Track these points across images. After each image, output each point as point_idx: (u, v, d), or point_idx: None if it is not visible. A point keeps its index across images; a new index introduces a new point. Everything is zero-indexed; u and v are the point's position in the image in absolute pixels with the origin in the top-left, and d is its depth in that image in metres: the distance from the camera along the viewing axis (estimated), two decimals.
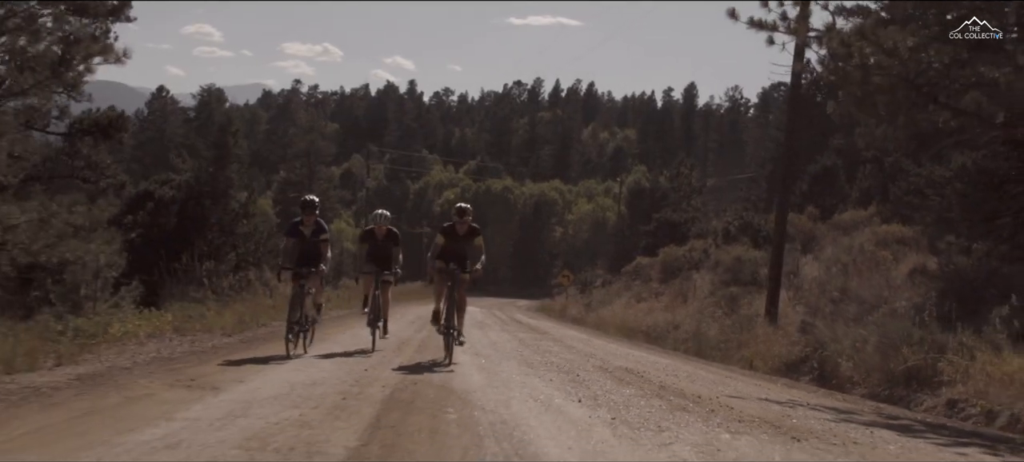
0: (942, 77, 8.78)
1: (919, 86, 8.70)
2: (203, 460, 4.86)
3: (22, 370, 7.46)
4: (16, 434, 5.34)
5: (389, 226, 12.60)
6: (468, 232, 11.66)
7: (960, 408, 9.44)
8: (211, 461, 4.85)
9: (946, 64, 8.57)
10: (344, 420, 6.20)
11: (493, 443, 5.63)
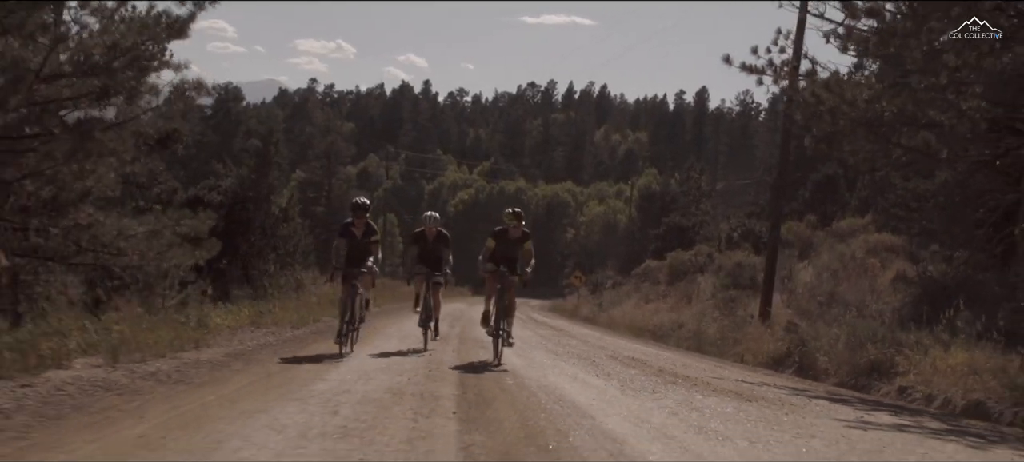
0: (895, 121, 10.72)
1: (875, 128, 10.65)
2: (372, 397, 7.33)
3: (172, 353, 9.52)
4: (234, 389, 7.61)
5: (439, 228, 12.81)
6: (520, 237, 11.87)
7: (908, 393, 11.36)
8: (377, 398, 7.27)
9: (895, 112, 10.50)
10: (440, 381, 8.78)
11: (543, 395, 8.18)
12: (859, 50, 10.79)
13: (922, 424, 8.55)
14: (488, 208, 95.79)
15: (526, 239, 11.90)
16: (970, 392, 10.28)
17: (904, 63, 10.14)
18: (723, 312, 21.85)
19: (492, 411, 7.05)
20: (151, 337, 9.32)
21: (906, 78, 10.37)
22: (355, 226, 11.95)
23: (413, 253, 13.00)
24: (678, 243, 40.97)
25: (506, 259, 11.70)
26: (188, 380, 8.00)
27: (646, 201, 70.63)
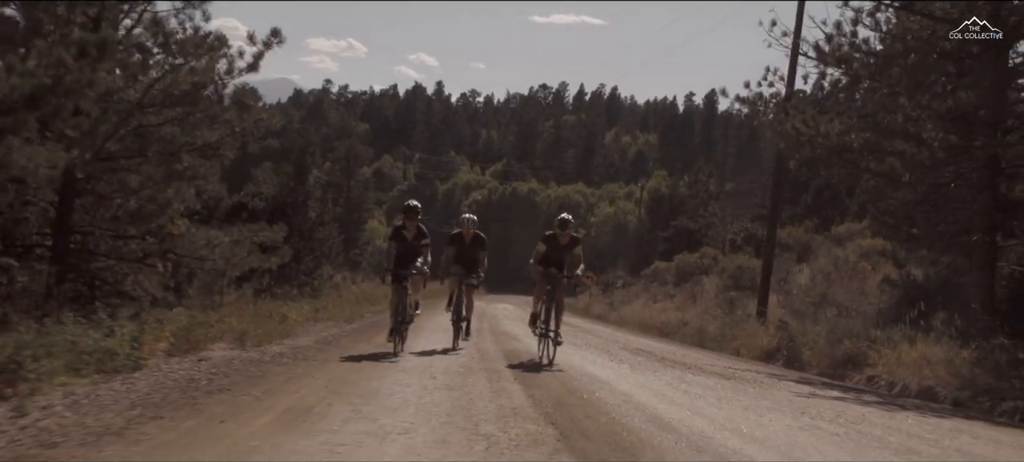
0: (863, 149, 12.73)
1: (846, 156, 12.67)
2: (453, 369, 9.68)
3: (276, 341, 11.67)
4: (340, 369, 9.67)
5: (477, 231, 12.95)
6: (569, 242, 12.19)
7: (874, 381, 13.33)
8: (459, 369, 9.59)
9: (863, 143, 12.51)
10: (495, 362, 11.12)
11: (573, 372, 10.65)
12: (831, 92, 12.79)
13: (861, 399, 10.65)
14: (501, 209, 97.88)
15: (575, 244, 12.29)
16: (924, 380, 12.27)
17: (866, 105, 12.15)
18: (724, 311, 23.84)
19: (540, 380, 9.55)
20: (258, 328, 11.40)
21: (874, 114, 12.36)
22: (406, 228, 12.14)
23: (450, 254, 12.97)
24: (685, 245, 42.82)
25: (555, 263, 12.01)
26: (311, 358, 10.30)
27: (655, 203, 72.25)
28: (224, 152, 14.14)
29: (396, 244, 12.12)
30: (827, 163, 13.10)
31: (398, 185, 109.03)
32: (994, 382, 11.09)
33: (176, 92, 12.92)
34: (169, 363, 8.33)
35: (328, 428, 5.87)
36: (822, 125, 12.44)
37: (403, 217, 12.44)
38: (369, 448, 5.36)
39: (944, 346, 13.19)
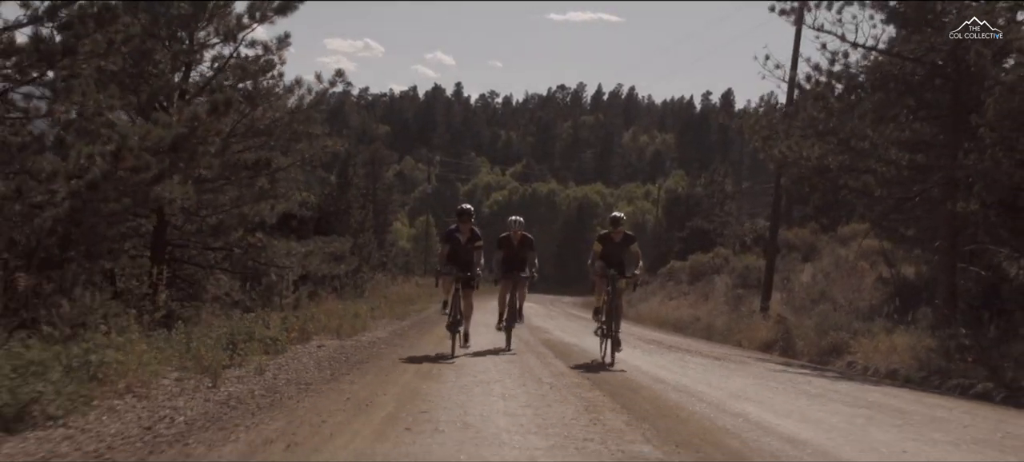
0: (839, 169, 15.09)
1: (825, 175, 15.04)
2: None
3: (357, 334, 14.13)
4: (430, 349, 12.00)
5: (524, 232, 13.16)
6: (623, 239, 12.32)
7: (852, 365, 15.64)
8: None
9: (839, 165, 14.87)
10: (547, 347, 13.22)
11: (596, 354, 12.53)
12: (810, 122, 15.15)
13: (823, 374, 13.15)
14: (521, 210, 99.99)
15: (631, 241, 12.49)
16: (891, 364, 14.58)
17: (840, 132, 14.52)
18: (731, 308, 26.15)
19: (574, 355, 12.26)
20: (344, 324, 13.89)
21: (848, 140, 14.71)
22: (460, 231, 12.32)
23: (499, 257, 13.07)
24: (700, 245, 45.04)
25: (615, 262, 12.21)
26: (399, 344, 12.98)
27: (671, 204, 74.29)
28: (295, 175, 16.63)
29: (449, 246, 12.29)
30: (810, 181, 15.53)
31: (420, 186, 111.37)
32: (944, 364, 13.40)
33: (260, 126, 15.36)
34: (298, 349, 10.82)
35: (449, 379, 8.86)
36: (804, 150, 14.83)
37: (456, 220, 12.56)
38: (481, 391, 8.14)
39: (910, 336, 15.49)
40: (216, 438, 5.67)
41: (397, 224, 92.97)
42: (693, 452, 5.83)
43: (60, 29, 10.22)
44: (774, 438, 6.67)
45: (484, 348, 12.55)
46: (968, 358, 13.18)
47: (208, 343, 8.18)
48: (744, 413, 7.87)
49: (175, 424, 5.99)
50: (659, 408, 7.86)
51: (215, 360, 7.60)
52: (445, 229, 12.96)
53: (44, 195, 9.88)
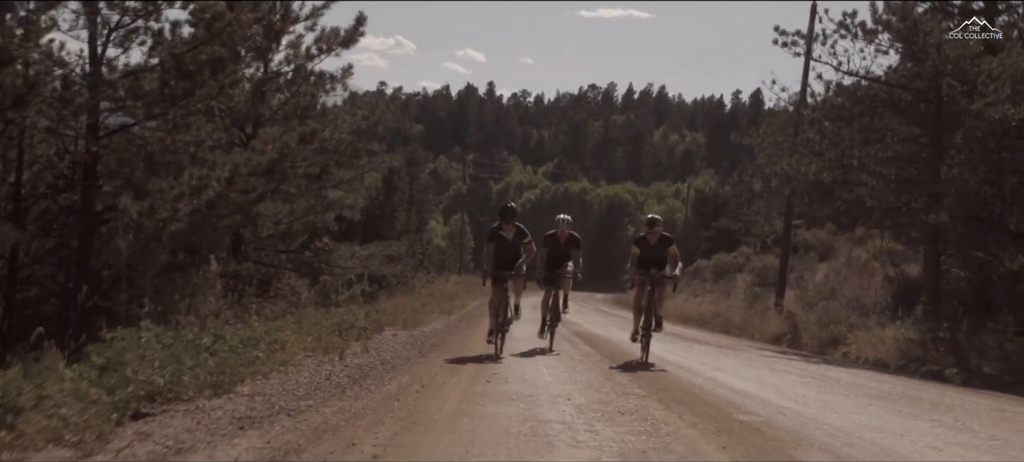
0: (833, 183, 17.22)
1: (821, 189, 17.18)
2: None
3: (419, 326, 16.42)
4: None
5: (570, 231, 13.08)
6: (660, 241, 12.24)
7: (846, 355, 17.73)
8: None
9: (833, 179, 16.99)
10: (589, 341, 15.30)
11: (621, 345, 14.57)
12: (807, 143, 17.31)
13: (809, 360, 15.29)
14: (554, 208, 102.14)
15: (668, 242, 12.47)
16: (879, 354, 16.66)
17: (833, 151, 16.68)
18: (749, 304, 28.24)
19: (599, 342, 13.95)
20: (407, 317, 16.23)
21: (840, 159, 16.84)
22: (504, 230, 12.14)
23: (544, 255, 12.97)
24: (725, 245, 47.02)
25: (655, 263, 12.18)
26: (459, 331, 15.37)
27: (700, 204, 75.97)
28: (356, 187, 19.00)
29: (495, 246, 12.19)
30: (808, 194, 17.67)
31: (454, 185, 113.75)
32: (921, 353, 15.49)
33: (328, 146, 17.69)
34: (380, 336, 13.13)
35: (507, 358, 11.37)
36: (802, 167, 16.99)
37: (500, 219, 12.41)
38: (531, 363, 10.54)
39: (897, 329, 17.57)
40: (375, 382, 8.48)
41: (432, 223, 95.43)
42: (667, 395, 8.58)
43: (181, 75, 12.58)
44: (726, 390, 9.44)
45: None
46: (941, 348, 15.27)
47: (324, 330, 10.61)
48: (715, 378, 10.56)
49: (341, 378, 8.55)
50: (656, 375, 10.69)
51: (334, 343, 10.06)
52: (488, 228, 12.75)
53: (169, 212, 12.25)
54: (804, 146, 17.28)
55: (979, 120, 14.77)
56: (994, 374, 13.82)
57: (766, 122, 19.81)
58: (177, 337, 7.12)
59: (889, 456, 5.98)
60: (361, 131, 18.56)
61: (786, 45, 17.57)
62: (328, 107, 18.34)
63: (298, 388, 7.51)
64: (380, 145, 19.60)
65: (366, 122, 18.60)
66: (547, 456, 5.34)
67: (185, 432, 5.47)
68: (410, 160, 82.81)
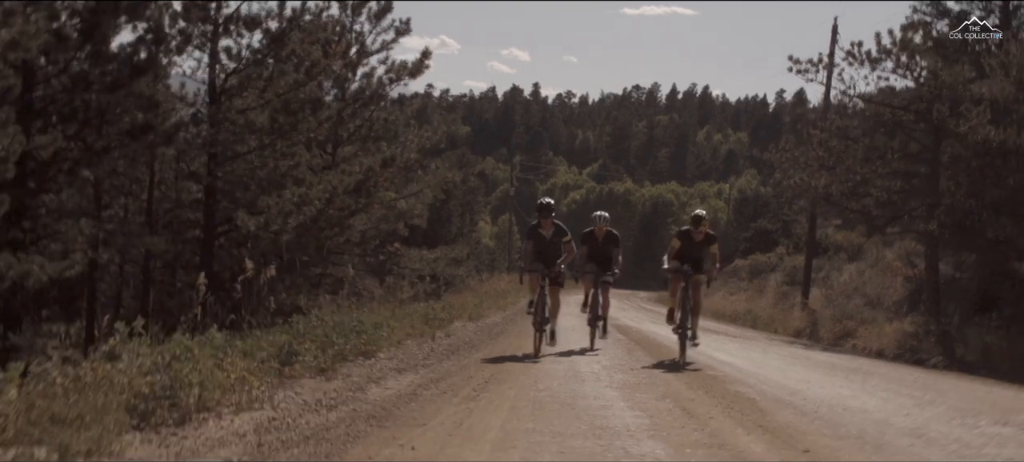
0: (841, 195, 19.61)
1: (830, 200, 19.59)
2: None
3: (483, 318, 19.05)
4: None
5: (609, 228, 12.80)
6: (704, 239, 11.87)
7: (856, 347, 20.04)
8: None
9: (841, 191, 19.38)
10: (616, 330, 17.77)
11: (668, 342, 17.02)
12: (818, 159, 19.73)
13: (811, 347, 17.70)
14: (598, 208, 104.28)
15: (712, 241, 12.01)
16: (881, 345, 18.99)
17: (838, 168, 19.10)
18: (777, 302, 30.55)
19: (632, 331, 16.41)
20: (471, 311, 18.91)
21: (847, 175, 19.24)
22: (542, 227, 12.00)
23: (582, 253, 12.69)
24: (763, 245, 49.10)
25: (692, 260, 11.84)
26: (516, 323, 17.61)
27: (741, 205, 77.81)
28: (423, 198, 21.75)
29: (533, 243, 12.08)
30: (819, 205, 20.08)
31: (501, 186, 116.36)
32: (916, 344, 17.83)
33: (399, 164, 20.43)
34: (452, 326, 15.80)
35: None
36: (813, 181, 19.43)
37: (538, 216, 12.26)
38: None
39: (900, 324, 19.88)
40: (469, 351, 11.66)
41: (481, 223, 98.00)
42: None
43: (287, 113, 15.35)
44: (729, 367, 11.67)
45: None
46: (932, 340, 17.59)
47: (415, 320, 13.37)
48: (719, 359, 12.91)
49: (441, 351, 11.41)
50: (662, 346, 13.56)
51: (425, 330, 12.84)
52: (527, 226, 12.69)
53: (279, 225, 15.02)
54: (815, 162, 19.69)
55: (965, 141, 17.08)
56: (972, 361, 16.11)
57: (784, 139, 22.19)
58: (335, 321, 9.98)
59: (786, 381, 9.31)
60: (425, 149, 21.23)
61: (800, 73, 19.94)
62: (398, 126, 21.06)
63: (417, 355, 10.58)
64: (442, 162, 22.28)
65: (429, 141, 21.28)
66: (581, 387, 8.51)
67: (370, 373, 8.86)
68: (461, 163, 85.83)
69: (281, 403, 6.84)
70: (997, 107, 17.61)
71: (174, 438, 5.37)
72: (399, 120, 21.61)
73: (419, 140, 20.87)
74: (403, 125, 21.17)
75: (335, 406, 7.04)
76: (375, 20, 20.99)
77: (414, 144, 21.15)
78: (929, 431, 7.08)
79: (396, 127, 20.81)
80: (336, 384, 8.01)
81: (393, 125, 20.70)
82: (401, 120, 21.32)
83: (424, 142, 21.53)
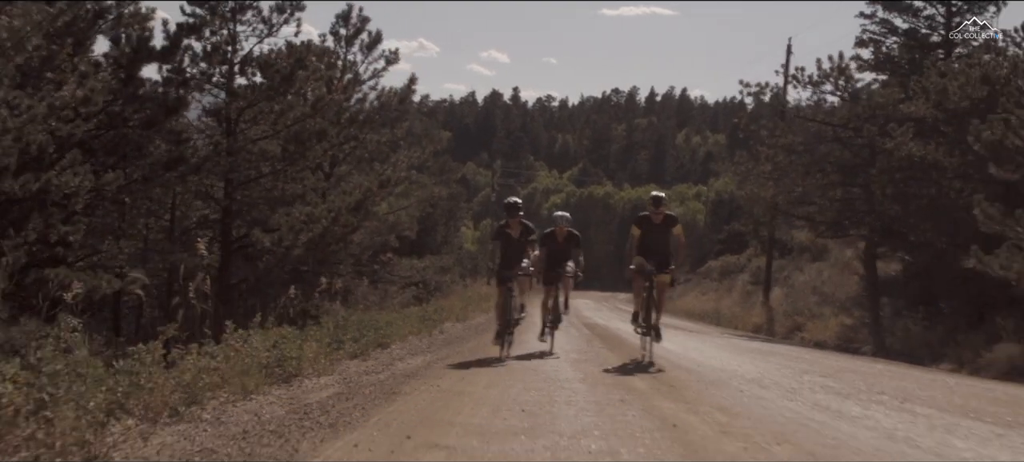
0: (787, 204, 21.96)
1: (777, 209, 21.93)
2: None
3: (470, 319, 21.28)
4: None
5: (569, 228, 12.37)
6: (665, 221, 11.24)
7: (804, 339, 22.37)
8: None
9: (786, 201, 21.72)
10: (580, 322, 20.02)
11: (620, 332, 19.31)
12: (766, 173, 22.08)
13: (754, 339, 19.96)
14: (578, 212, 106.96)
15: (673, 223, 11.42)
16: (824, 337, 21.34)
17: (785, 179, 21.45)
18: (741, 301, 32.92)
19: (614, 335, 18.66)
20: (459, 313, 21.08)
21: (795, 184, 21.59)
22: (510, 227, 11.77)
23: (542, 255, 12.09)
24: (734, 247, 51.44)
25: (656, 246, 11.19)
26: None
27: (716, 207, 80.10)
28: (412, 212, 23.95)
29: (501, 244, 11.89)
30: (766, 215, 22.48)
31: (482, 191, 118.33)
32: (853, 335, 20.20)
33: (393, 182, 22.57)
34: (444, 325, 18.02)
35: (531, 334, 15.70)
36: (760, 192, 21.80)
37: (505, 215, 12.13)
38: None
39: (842, 317, 22.26)
40: (459, 343, 14.03)
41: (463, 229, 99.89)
42: (624, 348, 13.26)
43: (297, 143, 17.51)
44: (668, 353, 13.67)
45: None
46: (866, 331, 19.97)
47: (412, 320, 15.59)
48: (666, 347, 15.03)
49: (439, 343, 13.74)
50: (621, 340, 15.46)
51: (421, 328, 15.06)
52: (494, 226, 12.79)
53: (291, 241, 17.19)
54: (762, 176, 22.05)
55: (892, 156, 19.45)
56: (898, 349, 18.47)
57: (737, 154, 24.59)
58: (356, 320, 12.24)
59: (721, 365, 11.72)
60: (415, 165, 23.43)
61: (751, 95, 22.30)
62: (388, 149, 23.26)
63: (421, 346, 13.09)
64: (429, 178, 24.48)
65: (418, 160, 23.48)
66: (542, 364, 10.93)
67: (391, 356, 11.58)
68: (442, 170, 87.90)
69: (344, 372, 10.00)
70: (925, 126, 20.03)
71: (290, 387, 8.51)
72: (389, 143, 23.78)
73: (409, 160, 23.05)
74: (392, 149, 23.36)
75: (379, 372, 10.19)
76: (367, 51, 23.28)
77: (404, 163, 23.31)
78: (765, 377, 10.53)
79: (387, 149, 22.95)
80: (371, 363, 11.03)
81: (385, 147, 22.84)
82: (391, 143, 23.49)
83: (413, 161, 23.72)
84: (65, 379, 4.87)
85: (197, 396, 6.69)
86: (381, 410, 7.12)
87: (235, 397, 7.38)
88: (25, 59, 11.32)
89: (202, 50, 17.10)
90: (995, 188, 15.44)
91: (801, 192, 21.35)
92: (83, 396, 4.92)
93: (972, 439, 6.64)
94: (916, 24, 27.01)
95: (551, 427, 6.39)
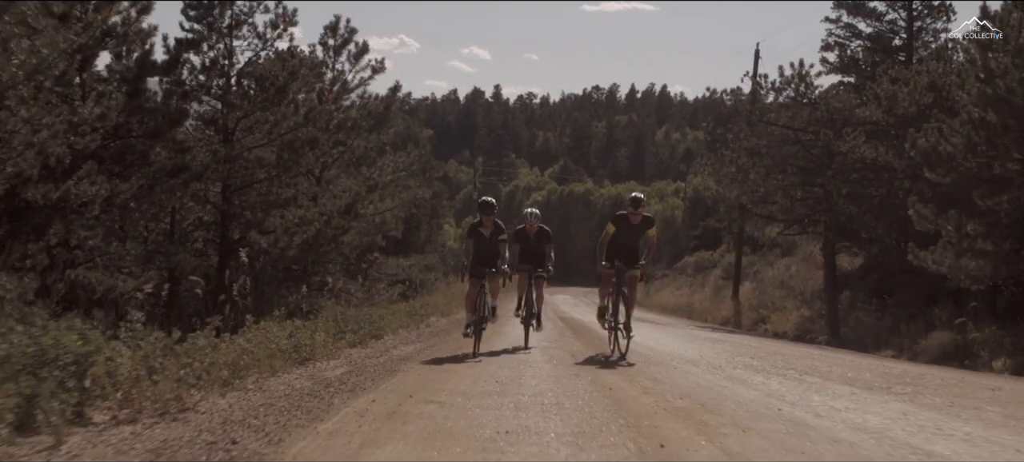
0: (751, 203, 23.36)
1: (741, 207, 23.33)
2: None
3: (455, 313, 22.56)
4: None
5: (541, 224, 12.52)
6: (642, 222, 11.36)
7: (767, 330, 23.76)
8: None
9: (751, 199, 23.13)
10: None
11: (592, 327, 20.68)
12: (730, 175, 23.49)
13: (717, 330, 21.32)
14: (559, 209, 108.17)
15: (649, 225, 11.59)
16: (785, 328, 22.74)
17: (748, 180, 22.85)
18: (713, 295, 34.35)
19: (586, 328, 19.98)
20: (443, 309, 22.34)
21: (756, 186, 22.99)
22: (483, 226, 11.94)
23: (515, 252, 12.24)
24: (709, 243, 52.92)
25: (628, 245, 11.38)
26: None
27: (694, 204, 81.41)
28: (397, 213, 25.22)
29: (474, 242, 11.98)
30: (735, 212, 23.88)
31: (465, 189, 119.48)
32: (811, 325, 21.62)
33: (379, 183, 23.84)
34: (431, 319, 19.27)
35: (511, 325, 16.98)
36: (726, 191, 23.19)
37: (479, 214, 12.34)
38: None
39: (804, 310, 23.68)
40: (445, 335, 15.17)
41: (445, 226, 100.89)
42: (592, 339, 14.53)
43: (291, 150, 18.75)
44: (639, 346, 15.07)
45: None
46: (822, 321, 21.40)
47: (401, 315, 16.87)
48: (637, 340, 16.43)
49: (426, 335, 15.15)
50: (593, 333, 16.49)
51: (410, 323, 16.34)
52: (468, 225, 12.84)
53: (286, 243, 18.43)
54: (727, 177, 23.46)
55: (846, 158, 20.86)
56: (852, 338, 19.87)
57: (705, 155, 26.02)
58: (352, 314, 13.53)
59: (670, 350, 13.13)
60: (400, 169, 24.72)
61: (718, 101, 23.64)
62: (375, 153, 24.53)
63: (411, 337, 14.42)
64: (415, 181, 25.76)
65: (403, 164, 24.77)
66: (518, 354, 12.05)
67: (386, 345, 12.95)
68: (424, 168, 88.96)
69: (348, 357, 11.49)
70: (880, 129, 21.47)
71: (307, 368, 10.00)
72: (376, 148, 25.05)
73: (395, 163, 24.32)
74: (378, 153, 24.64)
75: (378, 356, 11.70)
76: (354, 60, 24.55)
77: (390, 167, 24.59)
78: (701, 359, 12.10)
79: (374, 154, 24.23)
80: (369, 350, 12.48)
81: (372, 152, 24.12)
82: (377, 148, 24.77)
83: (399, 165, 25.00)
84: (159, 355, 6.84)
85: (240, 373, 8.28)
86: (387, 381, 8.89)
87: (266, 374, 8.95)
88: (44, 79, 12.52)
89: (201, 64, 18.31)
90: (934, 189, 16.80)
91: (764, 192, 22.75)
92: (168, 369, 6.80)
93: (827, 394, 8.45)
94: (879, 28, 28.51)
95: (517, 391, 8.16)
